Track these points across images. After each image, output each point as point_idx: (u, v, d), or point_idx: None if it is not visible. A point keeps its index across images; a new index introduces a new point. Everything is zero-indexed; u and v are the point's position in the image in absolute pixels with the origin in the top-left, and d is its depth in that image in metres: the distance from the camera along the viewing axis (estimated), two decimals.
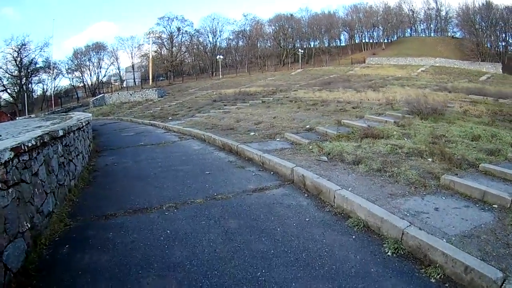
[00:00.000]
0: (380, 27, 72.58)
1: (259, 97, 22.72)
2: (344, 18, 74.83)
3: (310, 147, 7.94)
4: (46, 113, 33.33)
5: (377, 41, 73.99)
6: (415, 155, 6.75)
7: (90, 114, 13.86)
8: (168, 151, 10.13)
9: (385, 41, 72.10)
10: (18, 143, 3.65)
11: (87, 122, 9.51)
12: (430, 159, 6.44)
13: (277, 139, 9.58)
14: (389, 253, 3.50)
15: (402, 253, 3.48)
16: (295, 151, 7.84)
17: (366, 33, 75.53)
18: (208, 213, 4.85)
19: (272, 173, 6.91)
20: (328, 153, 7.18)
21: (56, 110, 36.55)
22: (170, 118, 18.33)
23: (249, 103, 20.36)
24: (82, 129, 8.66)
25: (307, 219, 4.49)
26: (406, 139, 8.27)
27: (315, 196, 5.35)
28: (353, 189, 4.99)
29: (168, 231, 4.26)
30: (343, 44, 77.05)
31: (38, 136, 4.44)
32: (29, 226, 3.55)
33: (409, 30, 75.62)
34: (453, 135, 8.50)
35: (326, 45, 74.85)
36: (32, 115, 28.50)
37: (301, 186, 5.89)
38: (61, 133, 5.94)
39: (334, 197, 4.86)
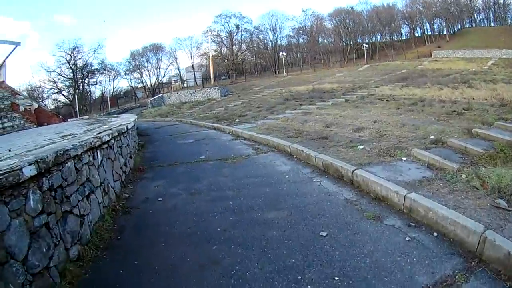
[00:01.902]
0: (441, 17, 67.82)
1: (339, 94, 20.06)
2: (402, 10, 70.93)
3: (465, 176, 5.09)
4: (102, 114, 32.60)
5: (437, 33, 69.85)
6: None
7: (135, 117, 11.00)
8: (241, 174, 6.73)
9: (448, 33, 67.56)
10: None
11: (119, 132, 6.37)
12: None
13: (403, 158, 6.34)
14: None
15: None
16: (447, 185, 4.85)
17: (427, 25, 71.26)
18: None
19: (435, 235, 3.80)
20: (498, 189, 4.44)
21: (112, 111, 35.93)
22: (237, 120, 15.08)
23: (330, 102, 17.19)
24: (110, 144, 5.55)
25: None
26: None
27: None
28: None
29: None
30: (403, 37, 73.59)
31: None
32: None
33: (468, 20, 71.02)
34: None
35: (388, 38, 71.34)
36: (85, 117, 27.55)
37: None
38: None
39: None
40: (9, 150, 4.78)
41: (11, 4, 76.31)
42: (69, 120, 22.75)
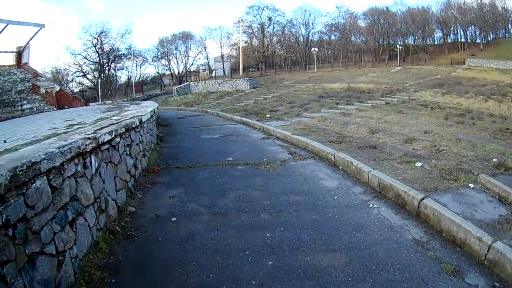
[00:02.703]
0: (476, 25, 65.69)
1: (377, 96, 18.64)
2: (437, 14, 68.83)
3: None
4: (125, 99, 31.88)
5: (470, 40, 67.68)
6: None
7: (155, 106, 9.75)
8: (278, 188, 5.36)
9: (481, 41, 65.35)
10: None
11: (129, 127, 5.06)
12: None
13: (470, 185, 5.11)
14: None
15: None
16: None
17: (461, 32, 69.24)
18: None
19: None
20: None
21: (137, 97, 35.12)
22: (268, 115, 13.66)
23: (369, 104, 15.66)
24: (113, 144, 4.29)
25: None
26: None
27: None
28: None
29: None
30: (436, 42, 71.86)
31: None
32: None
33: (502, 30, 68.93)
34: None
35: (420, 42, 69.24)
36: (108, 101, 26.92)
37: None
38: None
39: None
40: None
41: None
42: (91, 104, 22.07)
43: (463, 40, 68.21)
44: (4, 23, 18.71)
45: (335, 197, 4.97)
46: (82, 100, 21.65)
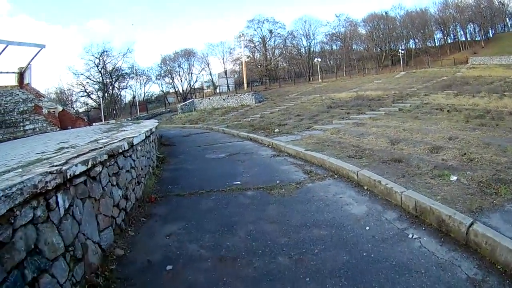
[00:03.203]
0: (474, 23, 66.44)
1: (388, 103, 17.83)
2: (435, 15, 69.69)
3: None
4: (129, 118, 31.37)
5: (470, 38, 68.34)
6: None
7: (153, 125, 8.96)
8: (296, 219, 4.50)
9: (482, 38, 65.78)
10: None
11: (113, 154, 4.21)
12: None
13: None
14: None
15: None
16: None
17: (460, 31, 69.71)
18: None
19: None
20: None
21: (141, 115, 34.66)
22: (276, 130, 12.85)
23: (382, 112, 14.80)
24: (92, 174, 3.50)
25: None
26: None
27: None
28: None
29: None
30: (437, 43, 72.51)
31: None
32: None
33: (500, 25, 69.23)
34: None
35: (421, 45, 69.87)
36: (112, 121, 26.39)
37: None
38: None
39: None
40: None
41: (45, 10, 78.54)
42: (94, 124, 21.59)
43: (463, 39, 68.54)
44: (4, 43, 18.67)
45: (367, 228, 4.08)
46: (86, 120, 21.25)
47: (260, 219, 4.45)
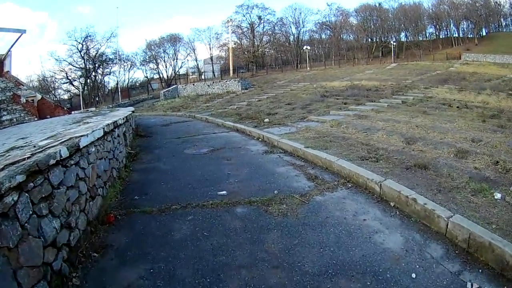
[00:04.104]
0: (468, 20, 65.37)
1: (387, 94, 16.52)
2: (429, 10, 68.44)
3: None
4: (110, 106, 29.20)
5: (462, 35, 67.57)
6: None
7: (123, 114, 7.35)
8: (309, 258, 3.11)
9: (475, 36, 64.80)
10: None
11: (50, 164, 2.64)
12: None
13: None
14: None
15: None
16: None
17: (453, 27, 68.72)
18: None
19: None
20: None
21: (123, 102, 32.40)
22: (266, 120, 11.34)
23: (384, 104, 13.36)
24: None
25: None
26: None
27: None
28: None
29: None
30: (428, 37, 71.32)
31: None
32: None
33: (494, 25, 68.87)
34: None
35: (413, 38, 69.01)
36: (91, 109, 24.35)
37: None
38: None
39: None
40: None
41: None
42: (73, 112, 19.67)
43: (456, 35, 67.53)
44: None
45: (412, 275, 2.71)
46: (65, 109, 19.43)
47: (258, 260, 2.99)
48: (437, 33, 70.12)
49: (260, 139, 8.84)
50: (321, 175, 5.33)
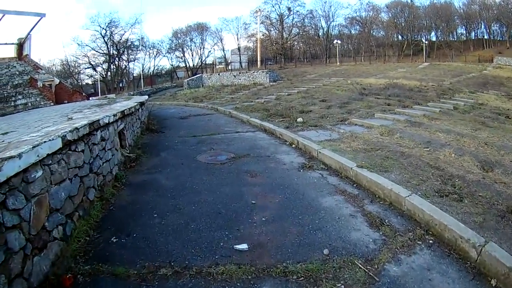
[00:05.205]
0: (500, 22, 60.55)
1: (432, 97, 14.46)
2: (459, 9, 64.42)
3: None
4: (131, 93, 27.92)
5: (493, 37, 62.84)
6: None
7: (127, 105, 5.75)
8: None
9: (507, 39, 59.98)
10: None
11: None
12: None
13: None
14: None
15: None
16: None
17: (484, 29, 64.07)
18: None
19: None
20: None
21: (145, 90, 31.02)
22: (299, 119, 9.50)
23: (435, 109, 11.19)
24: None
25: None
26: None
27: None
28: None
29: None
30: (458, 38, 67.65)
31: None
32: None
33: None
34: None
35: (444, 38, 64.65)
36: (110, 95, 23.12)
37: None
38: None
39: None
40: None
41: None
42: (91, 98, 18.66)
43: (486, 37, 63.96)
44: (0, 13, 16.17)
45: None
46: (83, 94, 18.64)
47: None
48: (467, 34, 66.87)
49: (293, 145, 7.05)
50: (387, 218, 3.51)
